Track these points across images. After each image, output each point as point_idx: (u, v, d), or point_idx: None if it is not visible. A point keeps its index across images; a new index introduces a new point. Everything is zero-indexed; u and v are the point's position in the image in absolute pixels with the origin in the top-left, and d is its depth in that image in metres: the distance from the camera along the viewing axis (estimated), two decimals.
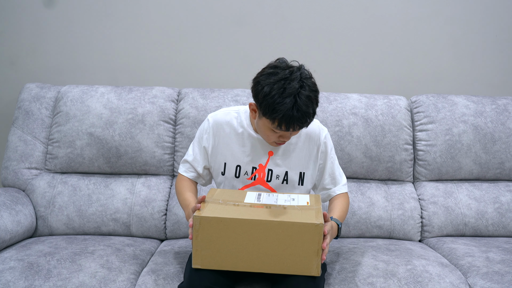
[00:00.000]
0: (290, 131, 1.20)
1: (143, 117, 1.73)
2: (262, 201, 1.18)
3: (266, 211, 1.12)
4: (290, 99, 1.15)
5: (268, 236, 1.07)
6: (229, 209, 1.13)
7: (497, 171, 1.78)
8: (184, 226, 1.67)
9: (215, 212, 1.10)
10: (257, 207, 1.14)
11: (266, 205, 1.16)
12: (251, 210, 1.13)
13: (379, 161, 1.75)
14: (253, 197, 1.21)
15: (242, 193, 1.24)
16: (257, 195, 1.21)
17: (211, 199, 1.18)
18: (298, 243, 1.08)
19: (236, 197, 1.20)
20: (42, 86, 1.83)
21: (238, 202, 1.17)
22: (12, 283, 1.25)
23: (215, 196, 1.21)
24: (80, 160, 1.72)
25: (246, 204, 1.16)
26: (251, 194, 1.23)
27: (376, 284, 1.28)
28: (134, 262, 1.40)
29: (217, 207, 1.13)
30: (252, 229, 1.08)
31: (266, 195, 1.22)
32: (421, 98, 1.84)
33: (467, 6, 2.01)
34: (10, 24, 1.98)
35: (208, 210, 1.11)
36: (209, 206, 1.14)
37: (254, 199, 1.19)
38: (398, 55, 2.03)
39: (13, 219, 1.50)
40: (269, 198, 1.21)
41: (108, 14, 1.98)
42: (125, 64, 2.00)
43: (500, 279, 1.32)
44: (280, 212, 1.12)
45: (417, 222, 1.71)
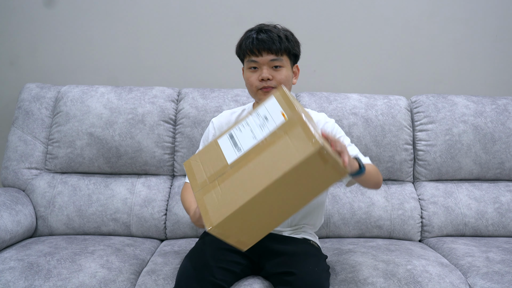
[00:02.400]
0: (261, 57, 1.25)
1: (143, 117, 1.73)
2: (243, 148, 1.03)
3: (259, 168, 0.98)
4: (256, 29, 1.29)
5: (279, 192, 0.96)
6: (226, 191, 1.00)
7: (497, 171, 1.78)
8: (184, 226, 1.67)
9: (220, 209, 0.98)
10: (248, 166, 1.00)
11: (252, 156, 1.01)
12: (246, 176, 0.99)
13: (379, 161, 1.75)
14: (230, 149, 1.05)
15: (219, 155, 1.06)
16: (232, 144, 1.06)
17: (198, 184, 1.05)
18: (311, 174, 0.95)
19: (217, 164, 1.05)
20: (42, 86, 1.83)
21: (224, 171, 1.02)
22: (12, 283, 1.25)
23: (198, 176, 1.07)
24: (80, 160, 1.72)
25: (235, 168, 1.01)
26: (226, 145, 1.06)
27: (376, 284, 1.27)
28: (134, 262, 1.40)
29: (214, 196, 1.01)
30: (263, 198, 0.96)
31: (239, 134, 1.06)
32: (421, 98, 1.84)
33: (467, 6, 2.01)
34: (10, 24, 1.98)
35: (212, 209, 0.99)
36: (208, 200, 1.01)
37: (234, 152, 1.04)
38: (398, 55, 2.03)
39: (13, 219, 1.50)
40: (246, 138, 1.04)
41: (108, 14, 1.98)
42: (125, 64, 2.00)
43: (500, 279, 1.32)
44: (272, 159, 0.97)
45: (417, 222, 1.71)
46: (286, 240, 1.29)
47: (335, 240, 1.65)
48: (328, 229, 1.69)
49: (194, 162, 1.10)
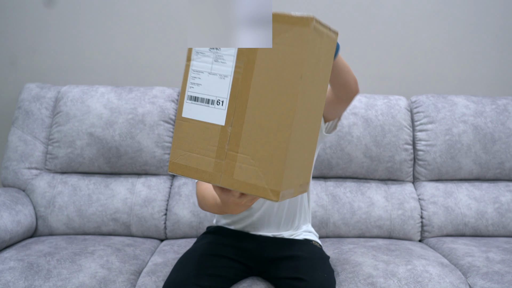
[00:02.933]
0: None
1: (143, 117, 1.73)
2: (222, 97, 0.82)
3: (267, 98, 0.78)
4: None
5: (305, 103, 0.80)
6: (251, 150, 0.79)
7: (497, 171, 1.78)
8: (184, 226, 1.67)
9: (268, 171, 0.78)
10: (251, 107, 0.79)
11: (243, 95, 0.80)
12: (260, 118, 0.78)
13: (379, 161, 1.75)
14: (209, 110, 0.83)
15: (202, 126, 0.83)
16: (204, 103, 0.83)
17: (212, 172, 0.83)
18: (318, 58, 0.81)
19: (210, 136, 0.83)
20: (42, 86, 1.83)
21: (226, 135, 0.81)
22: (12, 283, 1.25)
23: (201, 165, 0.84)
24: (80, 160, 1.72)
25: (237, 122, 0.80)
26: (199, 111, 0.83)
27: (377, 285, 1.28)
28: (134, 263, 1.40)
29: (244, 166, 0.80)
30: (297, 122, 0.78)
31: (200, 89, 0.83)
32: (421, 98, 1.84)
33: (467, 6, 2.01)
34: (10, 24, 1.98)
35: (258, 178, 0.79)
36: (241, 174, 0.80)
37: (217, 109, 0.82)
38: (398, 55, 2.03)
39: (13, 219, 1.50)
40: (212, 86, 0.82)
41: (108, 14, 1.98)
42: (125, 64, 2.01)
43: (500, 279, 1.32)
44: (271, 77, 0.78)
45: (417, 222, 1.71)
46: (288, 243, 1.28)
47: (335, 240, 1.65)
48: (328, 229, 1.69)
49: (180, 158, 0.86)
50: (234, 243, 1.26)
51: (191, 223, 1.67)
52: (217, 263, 1.19)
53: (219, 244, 1.26)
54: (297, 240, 1.30)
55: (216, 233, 1.32)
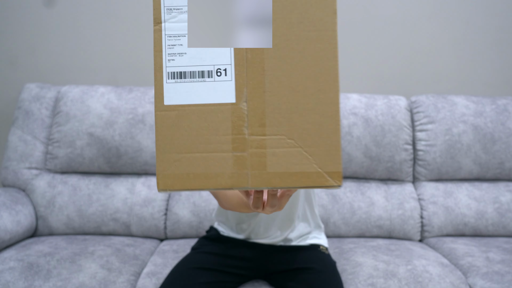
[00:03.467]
0: None
1: (143, 117, 1.73)
2: (225, 63, 0.61)
3: (294, 60, 0.60)
4: None
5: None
6: (285, 131, 0.60)
7: (497, 171, 1.78)
8: (184, 226, 1.67)
9: (319, 156, 0.59)
10: (272, 76, 0.60)
11: (256, 56, 0.61)
12: (289, 91, 0.60)
13: (379, 161, 1.75)
14: (207, 87, 0.61)
15: (204, 111, 0.61)
16: (198, 76, 0.61)
17: (235, 172, 0.60)
18: None
19: (218, 121, 0.61)
20: (42, 86, 1.83)
21: (241, 115, 0.60)
22: (11, 283, 1.25)
23: (216, 167, 0.61)
24: (80, 160, 1.72)
25: (255, 93, 0.60)
26: (196, 90, 0.61)
27: (377, 285, 1.28)
28: (134, 263, 1.40)
29: (278, 151, 0.60)
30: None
31: (186, 60, 0.62)
32: (421, 98, 1.84)
33: (467, 6, 2.01)
34: (10, 24, 1.98)
35: (302, 164, 0.60)
36: (276, 162, 0.60)
37: (221, 82, 0.61)
38: (398, 55, 2.03)
39: (13, 219, 1.50)
40: (203, 53, 0.61)
41: (108, 14, 1.98)
42: (125, 64, 2.00)
43: (500, 279, 1.32)
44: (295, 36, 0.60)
45: (417, 222, 1.71)
46: (294, 250, 1.23)
47: (335, 239, 1.65)
48: (328, 229, 1.69)
49: (175, 165, 0.61)
50: (234, 253, 1.21)
51: (191, 223, 1.67)
52: (212, 278, 1.14)
53: (217, 255, 1.20)
54: (303, 247, 1.24)
55: (216, 241, 1.27)
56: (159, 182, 0.60)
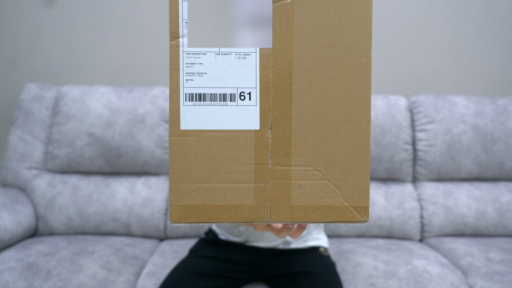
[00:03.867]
0: None
1: (143, 117, 1.73)
2: (249, 89, 0.56)
3: (326, 83, 0.57)
4: None
5: None
6: (313, 159, 0.56)
7: (497, 171, 1.78)
8: (184, 226, 1.67)
9: (349, 190, 0.56)
10: (300, 101, 0.56)
11: (282, 82, 0.57)
12: (317, 118, 0.56)
13: (379, 161, 1.75)
14: (230, 113, 0.56)
15: (224, 139, 0.56)
16: (219, 99, 0.57)
17: (256, 205, 0.57)
18: None
19: (239, 150, 0.56)
20: (42, 86, 1.83)
21: (265, 142, 0.56)
22: (11, 283, 1.25)
23: (238, 197, 0.57)
24: (80, 160, 1.72)
25: (281, 122, 0.56)
26: (218, 116, 0.57)
27: (377, 285, 1.28)
28: (134, 263, 1.40)
29: (306, 183, 0.57)
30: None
31: (207, 89, 0.57)
32: (421, 98, 1.85)
33: (467, 6, 2.01)
34: (10, 24, 1.98)
35: (330, 198, 0.56)
36: (304, 195, 0.57)
37: (243, 109, 0.56)
38: (398, 55, 2.03)
39: (13, 219, 1.50)
40: (225, 74, 0.56)
41: (108, 14, 1.98)
42: (125, 64, 2.00)
43: (500, 279, 1.32)
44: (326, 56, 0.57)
45: (416, 222, 1.71)
46: (293, 254, 1.22)
47: (335, 239, 1.65)
48: (328, 229, 1.69)
49: (191, 196, 0.57)
50: (233, 257, 1.20)
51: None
52: (210, 283, 1.13)
53: (215, 259, 1.19)
54: (302, 250, 1.23)
55: (215, 244, 1.26)
56: (172, 213, 0.56)
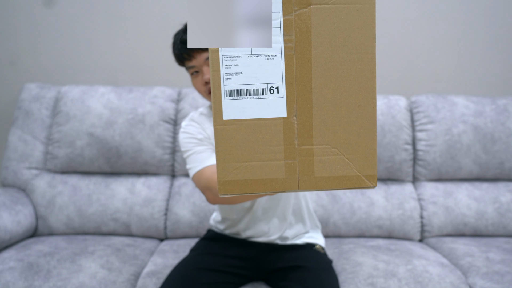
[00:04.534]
0: (194, 59, 1.12)
1: (143, 117, 1.73)
2: (276, 82, 0.68)
3: (334, 72, 0.68)
4: (180, 30, 1.17)
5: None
6: (328, 137, 0.68)
7: (497, 171, 1.78)
8: (184, 226, 1.67)
9: (356, 159, 0.69)
10: (318, 88, 0.68)
11: (303, 72, 0.68)
12: (332, 100, 0.68)
13: (379, 161, 1.75)
14: (260, 103, 0.68)
15: (256, 126, 0.68)
16: (252, 93, 0.68)
17: (286, 178, 0.69)
18: None
19: (270, 134, 0.68)
20: (42, 86, 1.83)
21: (291, 127, 0.68)
22: (11, 283, 1.25)
23: (270, 172, 0.69)
24: (80, 160, 1.72)
25: (304, 108, 0.68)
26: (247, 107, 0.68)
27: (377, 285, 1.28)
28: (134, 263, 1.40)
29: (323, 158, 0.69)
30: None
31: (241, 79, 0.68)
32: (421, 98, 1.85)
33: (467, 6, 2.01)
34: (10, 24, 1.98)
35: (343, 168, 0.69)
36: (322, 168, 0.69)
37: (270, 100, 0.68)
38: (398, 55, 2.03)
39: (13, 219, 1.50)
40: (256, 70, 0.68)
41: (108, 14, 1.98)
42: (125, 64, 2.00)
43: (500, 279, 1.32)
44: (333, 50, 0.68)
45: (417, 222, 1.71)
46: (290, 249, 1.23)
47: (335, 239, 1.65)
48: (328, 229, 1.69)
49: (235, 172, 0.69)
50: (233, 253, 1.22)
51: (191, 222, 1.67)
52: (212, 279, 1.15)
53: (216, 255, 1.21)
54: (299, 246, 1.25)
55: (215, 241, 1.28)
56: (220, 187, 0.69)
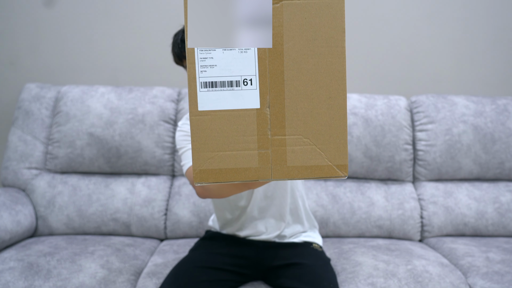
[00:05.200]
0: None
1: (143, 117, 1.73)
2: (250, 73, 0.70)
3: (306, 64, 0.70)
4: (180, 31, 1.19)
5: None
6: (300, 128, 0.70)
7: (497, 171, 1.78)
8: (184, 226, 1.67)
9: (327, 148, 0.71)
10: (290, 80, 0.70)
11: (276, 64, 0.70)
12: (304, 90, 0.70)
13: (379, 161, 1.75)
14: (234, 94, 0.70)
15: (230, 116, 0.70)
16: (226, 85, 0.70)
17: (260, 167, 0.70)
18: None
19: (244, 124, 0.70)
20: (42, 86, 1.83)
21: (264, 118, 0.70)
22: (11, 283, 1.25)
23: (243, 161, 0.70)
24: (80, 160, 1.72)
25: (277, 99, 0.70)
26: (222, 98, 0.70)
27: (377, 285, 1.28)
28: (134, 263, 1.40)
29: (295, 148, 0.71)
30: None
31: (215, 71, 0.70)
32: (421, 98, 1.84)
33: (467, 6, 2.01)
34: (10, 24, 1.98)
35: (314, 157, 0.70)
36: (294, 157, 0.70)
37: (245, 91, 0.70)
38: (398, 55, 2.03)
39: (13, 219, 1.50)
40: (230, 63, 0.69)
41: (108, 14, 1.98)
42: (125, 64, 2.00)
43: (500, 279, 1.32)
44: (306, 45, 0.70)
45: (417, 222, 1.71)
46: (288, 247, 1.25)
47: (335, 239, 1.65)
48: (328, 229, 1.69)
49: (210, 162, 0.70)
50: (231, 251, 1.23)
51: (191, 223, 1.67)
52: (212, 276, 1.16)
53: (216, 254, 1.23)
54: (296, 244, 1.27)
55: (213, 240, 1.30)
56: (195, 176, 0.70)
